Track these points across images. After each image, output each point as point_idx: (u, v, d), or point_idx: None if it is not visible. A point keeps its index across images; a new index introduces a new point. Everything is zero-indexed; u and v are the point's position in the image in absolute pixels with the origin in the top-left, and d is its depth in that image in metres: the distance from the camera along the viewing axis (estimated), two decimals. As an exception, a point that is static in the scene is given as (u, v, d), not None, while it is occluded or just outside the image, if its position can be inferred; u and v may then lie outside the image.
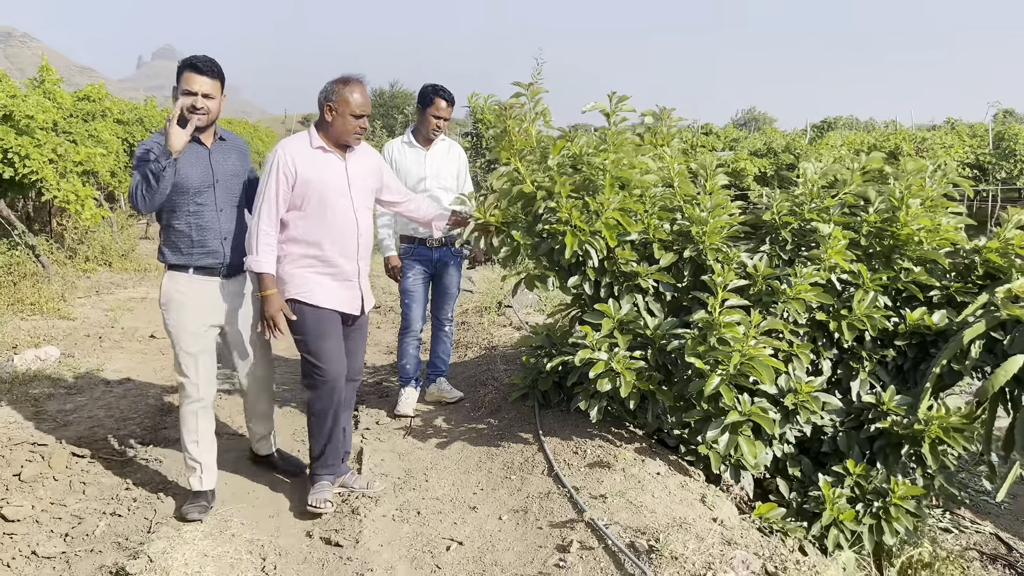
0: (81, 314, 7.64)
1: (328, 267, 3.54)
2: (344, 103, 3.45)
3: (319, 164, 3.48)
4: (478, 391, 5.00)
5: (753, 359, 3.43)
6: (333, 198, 3.49)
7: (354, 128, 3.49)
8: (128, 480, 3.98)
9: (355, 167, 3.59)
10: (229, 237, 3.56)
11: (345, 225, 3.52)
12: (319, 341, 3.54)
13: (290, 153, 3.45)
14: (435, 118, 4.68)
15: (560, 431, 4.06)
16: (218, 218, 3.52)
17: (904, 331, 3.91)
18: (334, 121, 3.47)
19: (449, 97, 4.70)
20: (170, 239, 3.51)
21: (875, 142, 14.01)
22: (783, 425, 3.82)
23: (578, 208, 3.53)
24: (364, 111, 3.51)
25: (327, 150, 3.51)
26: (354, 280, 3.62)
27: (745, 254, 3.96)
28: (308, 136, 3.53)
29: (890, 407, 3.76)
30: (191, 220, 3.47)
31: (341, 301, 3.59)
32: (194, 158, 3.46)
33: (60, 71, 11.44)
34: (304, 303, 3.51)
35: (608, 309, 3.77)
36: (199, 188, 3.45)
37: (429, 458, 4.12)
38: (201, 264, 3.51)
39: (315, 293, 3.52)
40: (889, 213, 4.01)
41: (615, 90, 3.76)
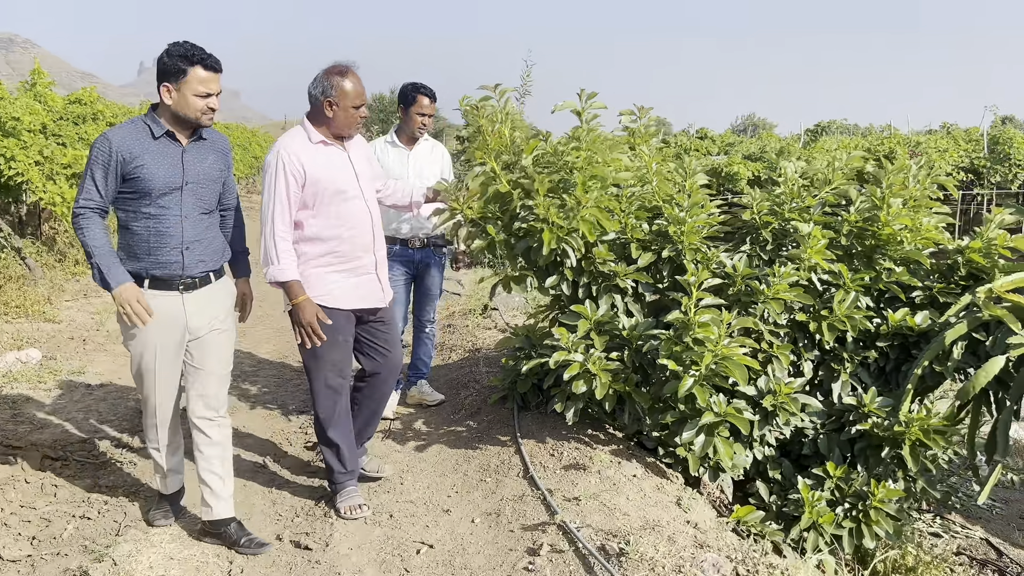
0: (67, 317, 7.60)
1: (347, 263, 3.46)
2: (343, 96, 3.35)
3: (325, 159, 3.40)
4: (459, 394, 4.95)
5: (727, 359, 3.38)
6: (345, 191, 3.42)
7: (355, 119, 3.42)
8: (101, 483, 3.93)
9: (357, 156, 3.53)
10: (192, 246, 3.15)
11: (360, 217, 3.45)
12: (327, 350, 3.45)
13: (294, 153, 3.34)
14: (419, 116, 4.63)
15: (538, 433, 4.01)
16: (181, 225, 3.11)
17: (886, 332, 3.87)
18: (335, 116, 3.38)
19: (431, 93, 4.65)
20: (126, 241, 3.12)
21: (870, 146, 13.98)
22: (762, 427, 3.77)
23: (556, 205, 3.48)
24: (363, 100, 3.43)
25: (328, 143, 3.43)
26: (373, 272, 3.54)
27: (724, 254, 3.92)
28: (304, 131, 3.43)
29: (871, 409, 3.71)
30: (149, 224, 3.07)
31: (361, 297, 3.51)
32: (162, 156, 3.06)
33: (61, 77, 11.43)
34: (320, 306, 3.41)
35: (584, 310, 3.72)
36: (164, 190, 3.05)
37: (406, 461, 4.07)
38: (157, 275, 3.11)
39: (332, 294, 3.45)
40: (870, 213, 3.96)
41: (590, 89, 3.71)
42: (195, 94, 3.02)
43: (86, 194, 3.02)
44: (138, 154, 3.01)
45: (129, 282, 3.01)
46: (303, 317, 3.35)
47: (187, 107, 3.03)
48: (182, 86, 3.00)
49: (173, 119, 3.08)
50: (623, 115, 4.34)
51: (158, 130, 3.06)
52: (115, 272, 3.00)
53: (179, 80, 3.00)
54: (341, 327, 3.51)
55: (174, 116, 3.07)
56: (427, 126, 4.69)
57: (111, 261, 3.00)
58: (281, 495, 3.83)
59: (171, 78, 3.02)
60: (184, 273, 3.16)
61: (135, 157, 3.00)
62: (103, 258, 2.99)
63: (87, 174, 3.01)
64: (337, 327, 3.49)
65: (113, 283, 2.98)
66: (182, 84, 3.00)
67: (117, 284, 2.99)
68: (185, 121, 3.07)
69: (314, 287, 3.43)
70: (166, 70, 3.02)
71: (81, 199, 3.02)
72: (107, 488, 3.88)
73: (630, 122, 4.33)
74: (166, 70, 3.02)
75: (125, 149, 2.99)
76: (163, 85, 3.03)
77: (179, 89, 3.01)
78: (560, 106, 3.68)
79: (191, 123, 3.08)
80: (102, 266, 2.98)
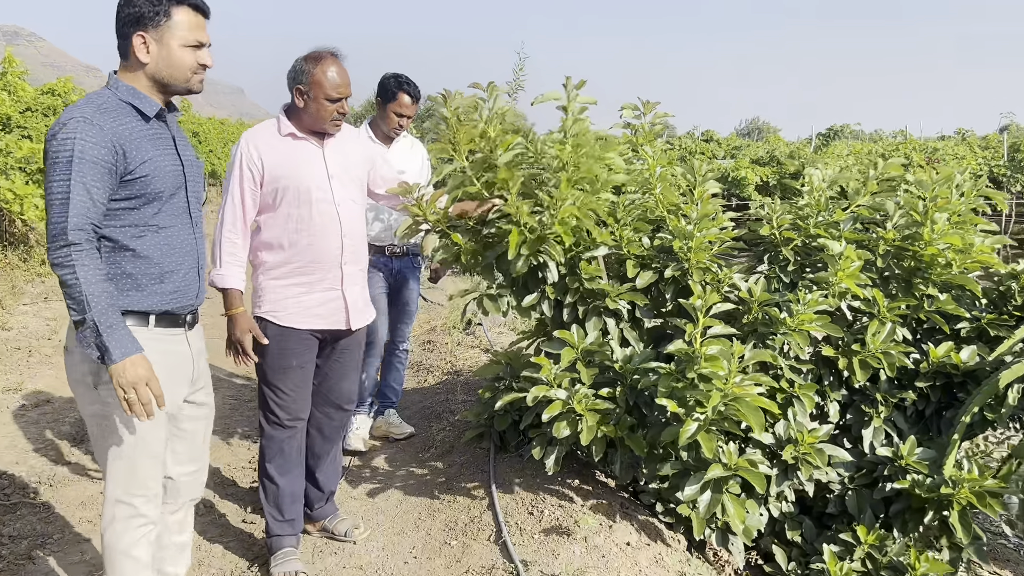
0: (19, 323, 7.00)
1: (305, 275, 2.94)
2: (316, 85, 2.83)
3: (290, 154, 2.89)
4: (431, 427, 4.35)
5: (738, 400, 2.78)
6: (309, 192, 2.89)
7: (330, 114, 2.88)
8: (4, 531, 3.35)
9: (335, 154, 2.98)
10: (204, 265, 2.46)
11: (325, 223, 2.92)
12: (280, 373, 2.97)
13: (254, 144, 2.87)
14: (397, 115, 4.01)
15: (516, 482, 3.41)
16: (194, 236, 2.39)
17: (927, 370, 3.28)
18: (306, 107, 2.87)
19: (414, 92, 4.02)
20: (122, 269, 2.23)
21: (884, 152, 13.37)
22: (780, 482, 3.18)
23: (529, 206, 2.87)
24: (342, 92, 2.87)
25: (298, 136, 2.92)
26: (337, 289, 2.99)
27: (738, 275, 3.33)
28: (276, 123, 2.95)
29: (910, 462, 3.13)
30: (160, 240, 2.27)
31: (319, 317, 2.98)
32: (161, 144, 2.28)
33: (66, 71, 10.88)
34: (270, 322, 2.94)
35: (569, 336, 3.13)
36: (172, 190, 2.30)
37: (361, 511, 3.47)
38: (168, 308, 2.31)
39: (286, 310, 2.94)
40: (910, 230, 3.37)
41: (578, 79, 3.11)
42: (184, 44, 2.21)
43: (76, 211, 2.06)
44: (138, 144, 2.19)
45: (140, 354, 2.12)
46: (234, 331, 2.89)
47: (174, 65, 2.22)
48: (164, 34, 2.19)
49: (152, 85, 2.25)
50: (624, 109, 3.74)
51: (149, 107, 2.23)
52: (120, 336, 2.09)
53: (160, 26, 2.18)
54: (293, 350, 2.98)
55: (153, 80, 2.24)
56: (404, 128, 4.09)
57: (115, 319, 2.09)
58: (211, 552, 3.23)
59: (147, 24, 2.18)
60: (196, 302, 2.42)
61: (138, 149, 2.18)
62: (105, 314, 2.07)
63: (66, 181, 2.07)
64: (288, 350, 2.97)
65: (117, 352, 2.07)
66: (164, 32, 2.19)
67: (124, 355, 2.08)
68: (168, 87, 2.26)
69: (264, 300, 2.96)
70: (138, 14, 2.17)
71: (70, 220, 2.05)
72: (8, 539, 3.30)
73: (632, 118, 3.74)
74: (138, 14, 2.17)
75: (120, 138, 2.14)
76: (136, 35, 2.18)
77: (161, 39, 2.19)
78: (542, 97, 3.09)
79: (179, 89, 2.27)
80: (102, 325, 2.07)
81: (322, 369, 3.15)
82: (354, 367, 3.23)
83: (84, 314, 2.06)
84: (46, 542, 3.30)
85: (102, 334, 2.06)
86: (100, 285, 2.09)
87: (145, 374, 2.11)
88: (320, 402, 3.18)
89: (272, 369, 2.99)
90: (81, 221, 2.07)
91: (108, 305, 2.09)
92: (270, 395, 3.02)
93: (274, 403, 3.02)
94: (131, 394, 2.09)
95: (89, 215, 2.09)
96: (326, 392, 3.18)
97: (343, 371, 3.19)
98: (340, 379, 3.18)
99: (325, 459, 3.27)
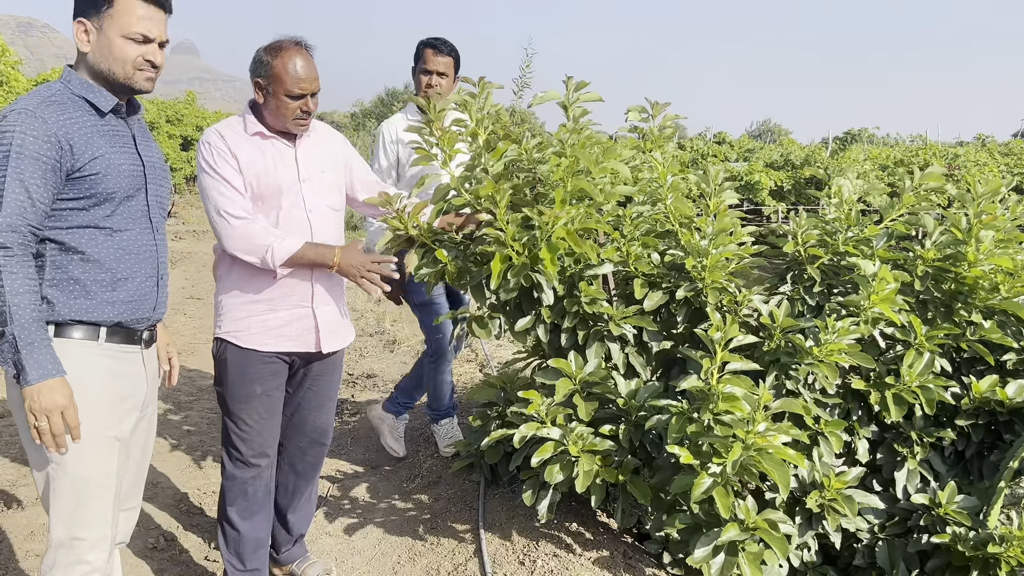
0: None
1: (271, 290, 2.58)
2: (276, 80, 2.48)
3: (258, 154, 2.55)
4: (418, 452, 4.01)
5: (761, 451, 2.43)
6: (278, 196, 2.55)
7: (292, 112, 2.52)
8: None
9: (309, 155, 2.64)
10: (164, 276, 2.22)
11: (294, 231, 2.57)
12: (242, 402, 2.64)
13: (224, 137, 2.53)
14: (425, 73, 3.63)
15: (506, 524, 3.07)
16: (155, 241, 2.17)
17: (968, 407, 2.93)
18: (266, 104, 2.53)
19: (440, 45, 3.64)
20: (69, 274, 1.99)
21: (902, 157, 12.95)
22: (804, 532, 2.84)
23: (517, 224, 2.51)
24: (306, 88, 2.51)
25: (267, 135, 2.58)
26: (307, 307, 2.63)
27: (758, 296, 2.98)
28: (241, 121, 2.60)
29: (949, 511, 2.78)
30: (112, 243, 2.04)
31: (285, 338, 2.62)
32: (117, 140, 2.07)
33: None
34: (230, 343, 2.60)
35: (567, 366, 2.78)
36: (129, 191, 2.07)
37: (336, 550, 3.14)
38: (122, 320, 2.08)
39: (248, 330, 2.59)
40: (952, 248, 3.01)
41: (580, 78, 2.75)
42: (125, 35, 1.99)
43: (10, 211, 1.86)
44: (88, 139, 1.98)
45: (61, 377, 1.89)
46: (350, 267, 2.57)
47: (112, 56, 2.00)
48: (104, 22, 1.98)
49: (95, 78, 2.04)
50: (631, 112, 3.38)
51: (104, 101, 2.03)
52: (40, 356, 1.87)
53: (100, 12, 1.98)
54: (257, 375, 2.63)
55: (93, 72, 2.03)
56: (435, 87, 3.64)
57: (37, 335, 1.87)
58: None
59: (89, 10, 1.99)
60: (153, 316, 2.18)
61: (87, 144, 1.97)
62: (27, 329, 1.85)
63: (1, 178, 1.87)
64: (251, 375, 2.63)
65: (34, 374, 1.85)
66: (104, 20, 1.98)
67: (42, 376, 1.85)
68: (109, 81, 2.04)
69: (224, 319, 2.62)
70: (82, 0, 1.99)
71: (3, 221, 1.85)
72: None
73: (640, 120, 3.39)
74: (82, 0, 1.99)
75: (67, 132, 1.94)
76: (76, 22, 2.00)
77: (100, 27, 1.99)
78: (541, 97, 2.74)
79: (118, 84, 2.04)
80: (21, 341, 1.84)
81: (294, 398, 2.81)
82: (330, 397, 2.89)
83: (4, 326, 1.85)
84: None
85: (20, 351, 1.85)
86: (27, 296, 1.87)
87: (62, 402, 1.88)
88: (292, 435, 2.85)
89: (233, 397, 2.65)
90: (15, 222, 1.87)
91: (33, 319, 1.87)
92: (232, 427, 2.69)
93: (236, 436, 2.68)
94: (43, 423, 1.86)
95: (26, 216, 1.88)
96: (299, 424, 2.84)
97: (317, 401, 2.84)
98: (314, 410, 2.84)
99: (298, 499, 2.93)
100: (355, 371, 5.77)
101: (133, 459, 2.23)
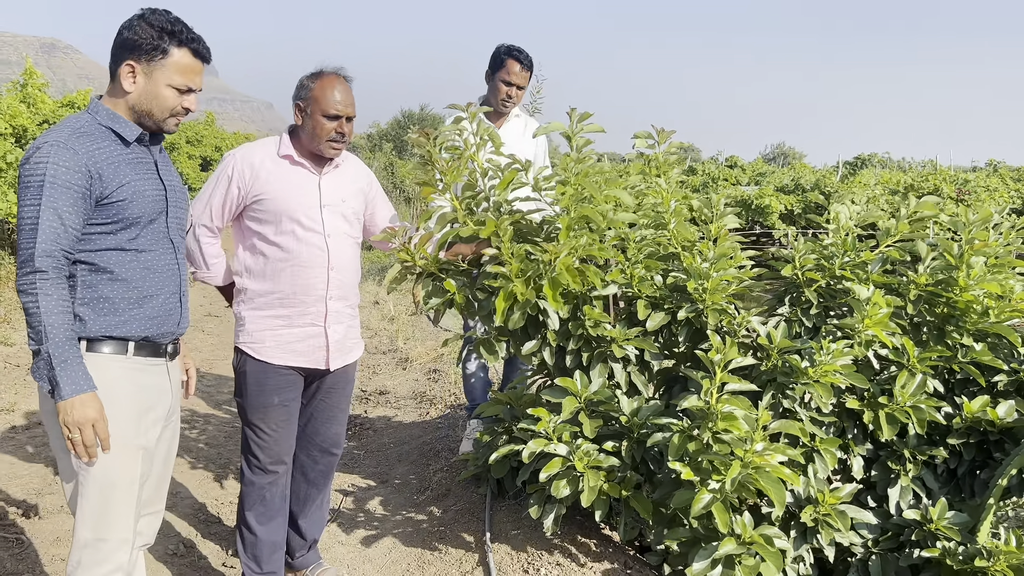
0: (22, 339, 6.90)
1: (286, 307, 2.75)
2: (315, 101, 2.67)
3: (283, 177, 2.72)
4: (429, 466, 4.13)
5: (758, 470, 2.55)
6: (298, 220, 2.71)
7: (328, 132, 2.69)
8: (-31, 571, 3.17)
9: (333, 184, 2.80)
10: (186, 294, 2.36)
11: (312, 254, 2.73)
12: (260, 412, 2.79)
13: (248, 160, 2.71)
14: (505, 84, 3.90)
15: (512, 535, 3.19)
16: (176, 261, 2.32)
17: (959, 426, 3.03)
18: (304, 125, 2.72)
19: (525, 60, 3.92)
20: (98, 292, 2.14)
21: (912, 182, 13.04)
22: (799, 546, 2.94)
23: (521, 256, 2.65)
24: (341, 111, 2.69)
25: (296, 161, 2.74)
26: (320, 325, 2.79)
27: (757, 318, 3.10)
28: (276, 143, 2.78)
29: (940, 527, 2.87)
30: (137, 263, 2.19)
31: (297, 354, 2.78)
32: (142, 169, 2.22)
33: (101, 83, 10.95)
34: (248, 355, 2.76)
35: (572, 385, 2.91)
36: (152, 215, 2.22)
37: (348, 558, 3.26)
38: (149, 334, 2.22)
39: (264, 343, 2.75)
40: (944, 274, 3.13)
41: (581, 109, 2.89)
42: (171, 85, 2.16)
43: (45, 237, 2.00)
44: (115, 168, 2.12)
45: (92, 392, 2.02)
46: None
47: (155, 100, 2.16)
48: (155, 70, 2.14)
49: (130, 113, 2.19)
50: (637, 138, 3.53)
51: (129, 131, 2.17)
52: (73, 372, 2.00)
53: (153, 60, 2.14)
54: (275, 385, 2.78)
55: (131, 110, 2.18)
56: (513, 99, 3.95)
57: (70, 352, 2.01)
58: (184, 602, 3.04)
59: (141, 55, 2.13)
60: (177, 330, 2.33)
61: (115, 173, 2.11)
62: (61, 347, 1.99)
63: (36, 207, 2.00)
64: (268, 385, 2.78)
65: (67, 388, 1.98)
66: (156, 67, 2.14)
67: (74, 392, 1.99)
68: (143, 120, 2.20)
69: (243, 331, 2.79)
70: (135, 43, 2.13)
71: (38, 247, 1.98)
72: (-27, 580, 3.12)
73: (646, 147, 3.53)
74: (135, 43, 2.13)
75: (96, 162, 2.08)
76: (126, 63, 2.13)
77: (150, 73, 2.14)
78: (544, 128, 2.88)
79: (151, 124, 2.21)
80: (56, 359, 1.98)
81: (307, 409, 2.96)
82: (341, 408, 3.03)
83: (40, 344, 1.99)
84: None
85: (55, 368, 1.99)
86: (60, 316, 2.02)
87: (93, 415, 2.02)
88: (304, 444, 2.99)
89: (252, 407, 2.80)
90: (50, 247, 2.01)
91: (66, 338, 2.02)
92: (251, 436, 2.83)
93: (255, 444, 2.83)
94: (75, 434, 2.01)
95: (59, 241, 2.02)
96: (311, 435, 2.99)
97: (329, 412, 2.99)
98: (326, 421, 2.98)
99: (310, 505, 3.07)
100: (368, 388, 5.91)
101: (157, 466, 2.36)
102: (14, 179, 7.36)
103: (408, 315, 8.67)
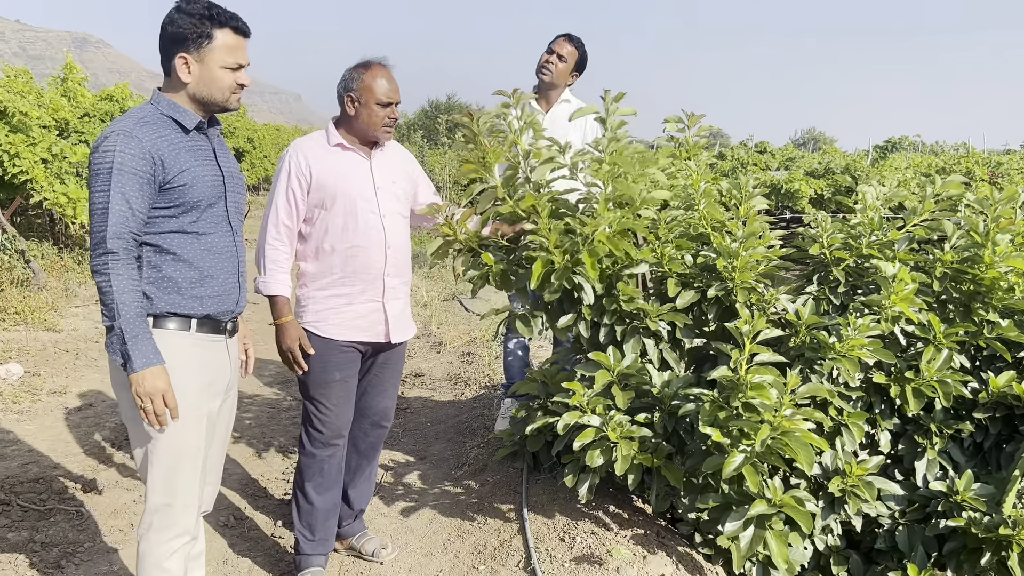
0: (69, 325, 7.13)
1: (347, 286, 2.92)
2: (367, 91, 2.84)
3: (338, 164, 2.90)
4: (465, 443, 4.27)
5: (787, 434, 2.65)
6: (355, 203, 2.89)
7: (381, 119, 2.87)
8: (36, 538, 3.35)
9: (382, 166, 2.98)
10: (244, 274, 2.51)
11: (370, 234, 2.91)
12: (322, 387, 2.94)
13: (303, 153, 2.88)
14: (548, 52, 4.05)
15: (548, 506, 3.31)
16: (234, 243, 2.45)
17: (986, 400, 3.10)
18: (358, 113, 2.88)
19: (575, 39, 4.07)
20: (162, 273, 2.28)
21: (944, 165, 12.93)
22: (827, 515, 3.03)
23: (560, 231, 2.77)
24: (392, 98, 2.88)
25: (347, 147, 2.92)
26: (379, 301, 2.96)
27: (785, 296, 3.19)
28: (325, 134, 2.95)
29: (966, 498, 2.94)
30: (198, 245, 2.33)
31: (360, 329, 2.95)
32: (201, 155, 2.35)
33: (132, 77, 11.17)
34: (312, 333, 2.92)
35: (605, 358, 3.02)
36: (212, 199, 2.35)
37: (391, 528, 3.41)
38: (210, 312, 2.36)
39: (327, 321, 2.92)
40: (970, 251, 3.19)
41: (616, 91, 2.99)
42: (224, 66, 2.28)
43: (115, 220, 2.14)
44: (176, 154, 2.25)
45: (161, 365, 2.18)
46: (283, 340, 2.88)
47: (213, 84, 2.29)
48: (206, 56, 2.26)
49: (191, 102, 2.32)
50: (668, 123, 3.62)
51: (189, 120, 2.30)
52: (143, 346, 2.15)
53: (201, 48, 2.25)
54: (336, 362, 2.94)
55: (193, 98, 2.31)
56: (552, 67, 4.06)
57: (141, 328, 2.16)
58: (237, 567, 3.20)
59: (189, 46, 2.25)
60: (236, 309, 2.47)
61: (176, 159, 2.25)
62: (132, 323, 2.14)
63: (106, 192, 2.15)
64: (331, 362, 2.94)
65: (139, 362, 2.13)
66: (206, 53, 2.26)
67: (145, 364, 2.14)
68: (207, 105, 2.33)
69: (307, 311, 2.94)
70: (181, 35, 2.24)
71: (109, 230, 2.14)
72: (40, 545, 3.30)
73: (676, 131, 3.63)
74: (181, 35, 2.24)
75: (159, 149, 2.21)
76: (178, 56, 2.25)
77: (202, 60, 2.26)
78: (580, 112, 2.99)
79: (215, 107, 2.34)
80: (128, 334, 2.13)
81: (361, 383, 3.11)
82: (393, 383, 3.18)
83: (113, 321, 2.14)
84: (76, 551, 3.29)
85: (127, 342, 2.13)
86: (131, 295, 2.16)
87: (162, 386, 2.18)
88: (357, 417, 3.13)
89: (315, 383, 2.95)
90: (120, 230, 2.15)
91: (136, 315, 2.16)
92: (312, 410, 2.98)
93: (316, 418, 2.97)
94: (147, 404, 2.16)
95: (128, 224, 2.16)
96: (364, 408, 3.14)
97: (382, 387, 3.14)
98: (378, 395, 3.13)
99: (359, 476, 3.22)
100: (404, 370, 6.06)
101: (218, 436, 2.52)
102: (59, 170, 7.59)
103: (440, 301, 8.82)
